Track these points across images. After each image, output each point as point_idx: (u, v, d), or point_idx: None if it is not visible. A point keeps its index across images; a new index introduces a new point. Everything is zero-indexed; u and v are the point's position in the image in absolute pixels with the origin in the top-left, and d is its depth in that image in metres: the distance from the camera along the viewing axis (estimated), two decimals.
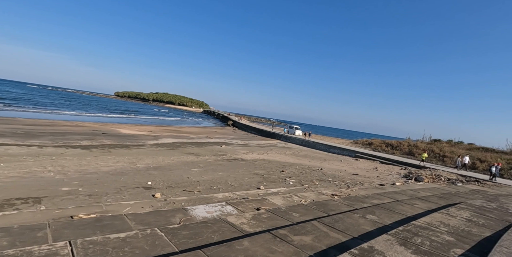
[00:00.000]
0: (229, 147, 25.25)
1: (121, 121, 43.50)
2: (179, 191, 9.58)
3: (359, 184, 13.34)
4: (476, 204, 7.80)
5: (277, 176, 13.79)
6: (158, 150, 19.29)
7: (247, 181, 11.89)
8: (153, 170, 12.73)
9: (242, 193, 9.53)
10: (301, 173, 15.26)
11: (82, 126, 29.87)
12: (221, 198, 8.74)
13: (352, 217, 6.05)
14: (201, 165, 14.97)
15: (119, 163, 13.64)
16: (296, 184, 12.18)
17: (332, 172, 16.46)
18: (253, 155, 21.56)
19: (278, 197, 8.76)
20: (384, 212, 6.73)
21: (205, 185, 10.69)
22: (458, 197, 9.89)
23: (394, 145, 32.31)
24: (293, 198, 8.78)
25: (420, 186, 13.66)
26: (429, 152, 26.50)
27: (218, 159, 17.86)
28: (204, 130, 45.31)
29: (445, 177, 17.05)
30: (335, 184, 12.92)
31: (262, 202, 8.04)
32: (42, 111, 41.81)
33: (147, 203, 7.78)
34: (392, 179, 16.06)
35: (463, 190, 12.48)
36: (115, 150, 17.46)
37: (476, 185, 15.55)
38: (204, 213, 6.70)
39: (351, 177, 15.53)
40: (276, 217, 6.10)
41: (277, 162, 18.83)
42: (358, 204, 7.88)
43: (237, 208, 7.30)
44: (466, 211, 6.81)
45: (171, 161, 15.42)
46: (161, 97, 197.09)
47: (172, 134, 31.64)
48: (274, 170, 15.37)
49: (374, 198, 8.99)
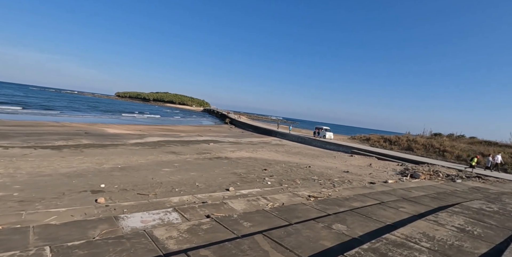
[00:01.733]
0: (218, 144, 24.05)
1: (113, 121, 42.51)
2: (132, 194, 8.40)
3: (346, 183, 12.07)
4: (473, 207, 6.51)
5: (257, 175, 12.56)
6: (138, 149, 18.14)
7: (219, 182, 10.68)
8: (118, 171, 11.58)
9: (205, 196, 8.31)
10: (286, 171, 14.02)
11: (68, 126, 28.82)
12: (176, 203, 7.54)
13: (313, 228, 4.80)
14: (176, 165, 13.79)
15: (84, 164, 12.51)
16: (274, 184, 10.94)
17: (320, 170, 15.20)
18: (241, 152, 20.35)
19: (242, 200, 7.54)
20: (358, 219, 5.48)
21: (167, 187, 9.50)
22: (454, 197, 8.59)
23: (392, 140, 30.89)
24: (260, 202, 7.55)
25: (414, 184, 12.36)
26: (429, 146, 25.13)
27: (199, 157, 16.67)
28: (199, 128, 44.14)
29: (443, 173, 15.71)
30: (320, 183, 11.66)
31: (219, 207, 6.83)
32: (37, 112, 40.90)
33: (81, 210, 6.59)
34: (385, 176, 14.77)
35: (461, 188, 11.17)
36: (89, 149, 16.33)
37: (477, 181, 14.20)
38: (137, 223, 5.52)
39: (340, 175, 14.26)
40: (219, 229, 4.89)
41: (264, 160, 17.60)
42: (333, 208, 6.63)
43: (183, 215, 6.11)
44: (460, 217, 5.53)
45: (145, 161, 14.25)
46: (162, 97, 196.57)
47: (161, 133, 30.51)
48: (257, 169, 14.15)
49: (355, 200, 7.73)
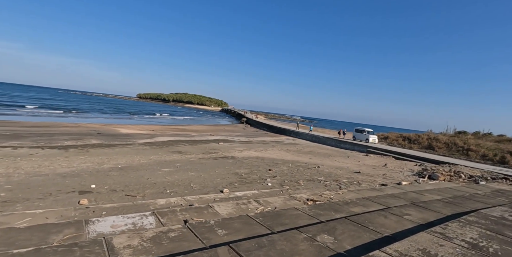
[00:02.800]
0: (227, 144, 23.61)
1: (129, 122, 43.24)
2: (119, 196, 8.04)
3: (355, 184, 11.21)
4: (493, 215, 5.58)
5: (259, 175, 11.94)
6: (144, 149, 17.99)
7: (216, 182, 10.16)
8: (116, 171, 11.33)
9: (194, 198, 7.80)
10: (291, 171, 13.29)
11: (82, 127, 29.38)
12: (161, 205, 7.07)
13: (293, 239, 4.15)
14: (178, 164, 13.42)
15: (85, 164, 12.39)
16: (275, 185, 10.28)
17: (329, 170, 14.35)
18: (249, 152, 19.79)
19: (230, 204, 6.96)
20: (351, 229, 4.75)
21: (159, 188, 9.08)
22: (473, 202, 7.59)
23: (412, 139, 29.23)
24: (250, 205, 6.94)
25: (431, 186, 11.30)
26: (451, 145, 23.47)
27: (205, 157, 16.26)
28: (213, 127, 44.03)
29: (466, 174, 14.40)
30: (325, 184, 10.87)
31: (203, 211, 6.29)
32: (59, 113, 42.31)
33: (59, 212, 6.25)
34: (400, 178, 13.70)
35: (484, 191, 10.02)
36: (95, 149, 16.32)
37: (504, 183, 12.86)
38: (106, 228, 5.12)
39: (350, 175, 13.36)
40: (188, 237, 4.35)
41: (271, 160, 16.94)
42: (327, 215, 5.91)
43: (160, 219, 5.63)
44: (474, 228, 4.67)
45: (147, 160, 13.99)
46: (181, 98, 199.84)
47: (173, 132, 30.50)
48: (261, 169, 13.52)
49: (357, 205, 6.95)
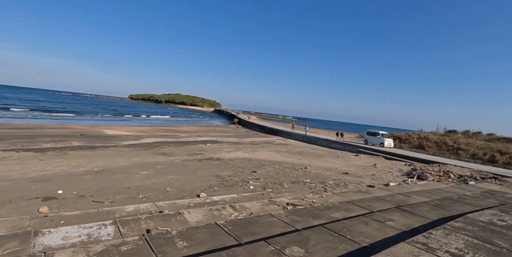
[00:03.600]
0: (216, 145, 23.07)
1: (118, 123, 42.34)
2: (86, 202, 7.49)
3: (341, 186, 10.80)
4: (481, 220, 5.19)
5: (242, 178, 11.46)
6: (127, 150, 17.37)
7: (194, 186, 9.65)
8: (91, 175, 10.75)
9: (166, 204, 7.29)
10: (277, 173, 12.84)
11: (68, 128, 28.53)
12: (128, 212, 6.54)
13: (257, 253, 3.68)
14: (159, 167, 12.86)
15: (60, 167, 11.77)
16: (257, 188, 9.81)
17: (317, 171, 13.93)
18: (237, 153, 19.29)
19: (203, 210, 6.47)
20: (326, 239, 4.30)
21: (132, 192, 8.53)
22: (461, 205, 7.22)
23: (402, 138, 29.07)
24: (224, 212, 6.44)
25: (420, 187, 10.95)
26: (442, 144, 23.30)
27: (189, 159, 15.72)
28: (203, 128, 43.40)
29: (455, 174, 14.12)
30: (310, 187, 10.44)
31: (171, 219, 5.78)
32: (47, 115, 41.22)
33: (12, 222, 5.70)
34: (389, 178, 13.36)
35: (473, 191, 9.70)
36: (74, 152, 15.66)
37: (493, 183, 12.59)
38: (55, 240, 4.62)
39: (338, 176, 12.96)
40: (141, 251, 3.89)
41: (259, 161, 16.48)
42: (304, 221, 5.46)
43: (120, 229, 5.12)
44: (461, 236, 4.25)
45: (128, 163, 13.40)
46: (173, 99, 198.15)
47: (162, 133, 29.85)
48: (246, 171, 13.04)
49: (339, 209, 6.52)
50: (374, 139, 27.97)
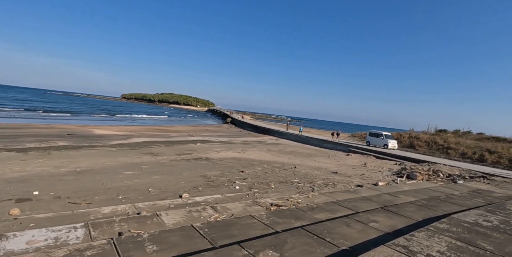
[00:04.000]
0: (206, 144, 22.79)
1: (108, 122, 41.74)
2: (61, 203, 7.19)
3: (329, 186, 10.64)
4: (466, 220, 5.04)
5: (229, 178, 11.23)
6: (114, 150, 16.99)
7: (178, 187, 9.39)
8: (72, 175, 10.41)
9: (146, 205, 7.02)
10: (265, 173, 12.64)
11: (56, 128, 27.93)
12: (105, 214, 6.26)
13: None
14: (145, 167, 12.57)
15: (41, 167, 11.41)
16: (243, 188, 9.59)
17: (306, 171, 13.77)
18: (227, 153, 19.04)
19: (182, 211, 6.23)
20: (304, 242, 4.10)
21: (112, 193, 8.24)
22: (448, 204, 7.09)
23: (394, 137, 29.08)
24: (204, 213, 6.21)
25: (408, 186, 10.85)
26: (432, 143, 23.37)
27: (177, 158, 15.43)
28: (195, 128, 43.02)
29: (445, 173, 14.09)
30: (297, 187, 10.26)
31: (146, 221, 5.53)
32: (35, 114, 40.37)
33: None
34: (378, 178, 13.26)
35: (461, 191, 9.61)
36: (59, 151, 15.25)
37: (482, 182, 12.57)
38: (19, 245, 4.37)
39: (327, 176, 12.81)
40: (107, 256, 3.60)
41: (248, 160, 16.26)
42: (285, 223, 5.26)
43: (91, 232, 4.88)
44: (444, 238, 4.09)
45: (113, 163, 13.07)
46: (167, 98, 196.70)
47: (152, 133, 29.43)
48: (233, 171, 12.81)
49: (324, 210, 6.33)
50: (377, 140, 26.38)
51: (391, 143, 25.11)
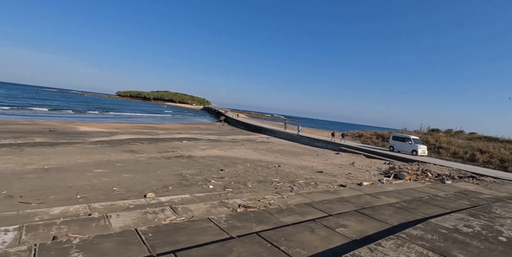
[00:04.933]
0: (192, 142, 22.17)
1: (97, 119, 40.94)
2: (11, 203, 6.66)
3: (311, 186, 10.10)
4: (444, 226, 4.51)
5: (206, 176, 10.65)
6: (93, 147, 16.31)
7: (147, 186, 8.80)
8: (37, 173, 9.78)
9: (103, 206, 6.44)
10: (246, 172, 12.08)
11: (39, 124, 27.08)
12: (53, 215, 5.69)
13: None
14: (120, 164, 11.95)
15: (6, 164, 10.79)
16: (217, 188, 9.01)
17: (291, 170, 13.22)
18: (212, 151, 18.45)
19: (135, 213, 5.64)
20: (252, 252, 3.54)
21: (71, 192, 7.63)
22: (430, 207, 6.57)
23: (385, 137, 28.69)
24: (160, 215, 5.62)
25: (394, 186, 10.35)
26: (423, 142, 22.94)
27: (157, 156, 14.80)
28: (186, 125, 42.31)
29: (434, 173, 13.63)
30: (276, 186, 9.71)
31: (91, 224, 4.96)
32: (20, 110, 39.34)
33: None
34: (364, 177, 12.76)
35: (447, 192, 9.12)
36: (32, 148, 14.55)
37: (471, 182, 12.12)
38: None
39: (311, 175, 12.28)
40: None
41: (232, 159, 15.68)
42: (246, 227, 4.70)
43: (22, 236, 4.44)
44: (414, 248, 3.54)
45: (86, 160, 12.42)
46: (162, 96, 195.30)
47: (139, 130, 28.72)
48: (213, 169, 12.23)
49: (293, 212, 5.78)
50: (404, 146, 22.54)
51: (421, 148, 21.31)
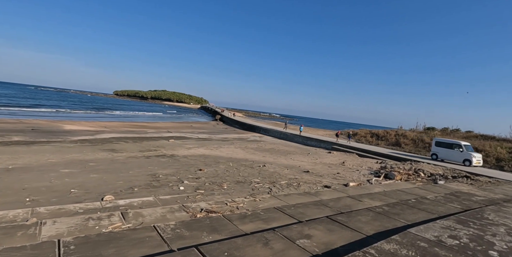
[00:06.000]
0: (180, 141, 21.45)
1: (87, 118, 40.16)
2: None
3: (292, 187, 9.39)
4: (425, 237, 3.80)
5: (181, 177, 9.94)
6: (71, 146, 15.57)
7: (112, 187, 8.10)
8: None
9: (50, 210, 5.73)
10: (226, 171, 11.37)
11: (23, 123, 26.32)
12: None
13: None
14: (92, 164, 11.24)
15: None
16: (187, 189, 8.30)
17: (275, 170, 12.51)
18: (198, 149, 17.73)
19: (75, 219, 4.94)
20: None
21: (22, 195, 6.97)
22: (415, 211, 5.86)
23: (380, 135, 28.01)
24: (104, 221, 4.91)
25: (381, 187, 9.66)
26: (418, 141, 22.26)
27: (137, 155, 14.07)
28: (180, 124, 41.56)
29: (427, 172, 12.95)
30: (253, 187, 9.01)
31: (16, 233, 4.27)
32: None
33: None
34: (353, 177, 12.07)
35: (437, 193, 8.44)
36: (5, 147, 13.90)
37: (464, 182, 11.43)
38: None
39: (295, 175, 11.57)
40: None
41: (216, 158, 14.97)
42: (194, 237, 4.01)
43: None
44: None
45: (59, 160, 11.71)
46: (159, 95, 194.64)
47: (127, 129, 27.97)
48: (192, 169, 11.53)
49: (258, 218, 5.07)
50: (452, 154, 17.67)
51: (476, 157, 16.85)
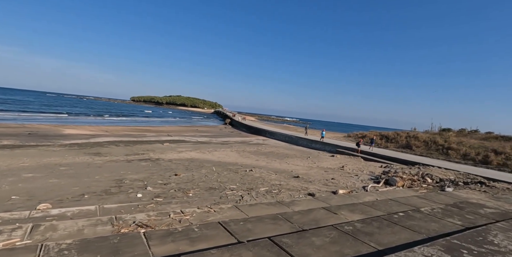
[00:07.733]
0: (174, 144, 20.71)
1: (94, 123, 40.42)
2: None
3: (271, 194, 8.25)
4: None
5: (148, 182, 9.02)
6: (56, 150, 15.06)
7: (62, 193, 7.29)
8: None
9: None
10: (204, 177, 10.36)
11: (25, 128, 26.47)
12: None
13: None
14: (62, 168, 10.54)
15: None
16: (145, 197, 7.33)
17: (261, 175, 11.39)
18: (189, 153, 16.87)
19: None
20: None
21: None
22: (397, 230, 4.59)
23: (390, 137, 26.20)
24: (3, 236, 3.92)
25: (375, 196, 8.34)
26: (431, 143, 20.47)
27: (119, 159, 13.32)
28: (184, 128, 41.10)
29: (435, 177, 11.41)
30: (225, 194, 7.92)
31: None
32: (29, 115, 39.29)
33: None
34: (348, 183, 10.75)
35: (438, 203, 7.06)
36: None
37: (477, 189, 9.85)
38: None
39: (281, 181, 10.40)
40: None
41: (203, 161, 14.03)
42: None
43: None
44: None
45: (33, 164, 11.21)
46: (174, 100, 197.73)
47: (126, 133, 27.62)
48: (167, 174, 10.61)
49: (185, 238, 4.03)
50: None
51: None
